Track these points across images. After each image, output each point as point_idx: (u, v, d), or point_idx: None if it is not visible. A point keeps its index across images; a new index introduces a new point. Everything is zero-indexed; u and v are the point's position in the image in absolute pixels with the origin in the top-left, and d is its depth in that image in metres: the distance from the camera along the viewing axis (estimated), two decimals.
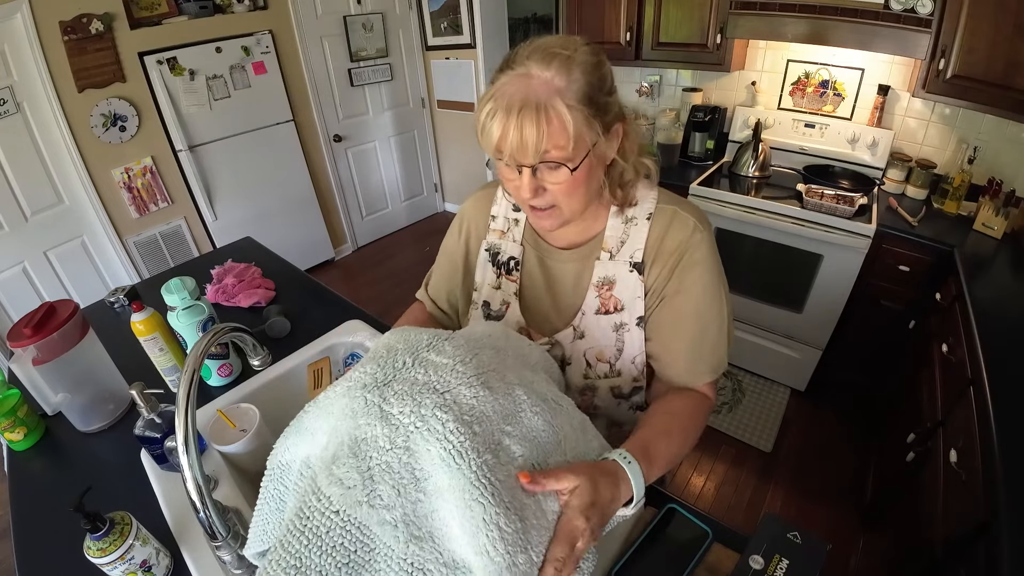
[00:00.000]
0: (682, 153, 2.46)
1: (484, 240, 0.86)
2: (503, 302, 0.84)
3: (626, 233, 0.75)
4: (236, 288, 1.36)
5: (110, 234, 2.63)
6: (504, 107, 0.60)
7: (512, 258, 0.83)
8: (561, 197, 0.66)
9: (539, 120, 0.59)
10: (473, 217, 0.88)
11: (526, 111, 0.59)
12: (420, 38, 3.61)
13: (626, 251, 0.75)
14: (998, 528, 0.86)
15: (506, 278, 0.84)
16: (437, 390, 0.52)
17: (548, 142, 0.60)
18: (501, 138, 0.61)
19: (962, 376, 1.24)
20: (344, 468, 0.48)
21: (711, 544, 0.66)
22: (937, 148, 2.00)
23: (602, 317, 0.77)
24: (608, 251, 0.76)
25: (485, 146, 0.65)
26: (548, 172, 0.64)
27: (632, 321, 0.76)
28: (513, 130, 0.59)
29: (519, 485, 0.50)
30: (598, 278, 0.76)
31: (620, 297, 0.75)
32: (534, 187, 0.65)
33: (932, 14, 1.60)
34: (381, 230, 4.03)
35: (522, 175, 0.64)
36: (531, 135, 0.59)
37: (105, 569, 0.65)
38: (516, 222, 0.84)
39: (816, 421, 2.14)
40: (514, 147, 0.60)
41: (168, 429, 0.81)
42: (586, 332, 0.78)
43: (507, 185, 0.70)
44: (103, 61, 2.38)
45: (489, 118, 0.61)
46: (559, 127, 0.59)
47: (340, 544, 0.46)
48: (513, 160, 0.63)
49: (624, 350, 0.77)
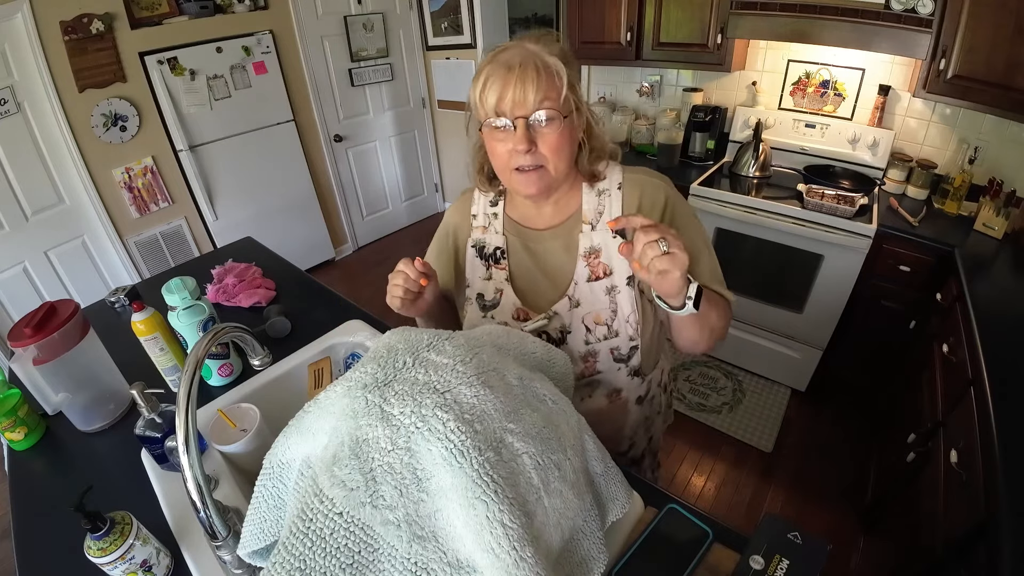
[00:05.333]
0: (683, 153, 2.46)
1: (469, 238, 0.92)
2: (496, 290, 0.88)
3: (601, 204, 0.82)
4: (237, 288, 1.36)
5: (111, 234, 2.64)
6: (505, 66, 0.70)
7: (497, 248, 0.88)
8: (549, 154, 0.74)
9: (538, 73, 0.69)
10: (456, 221, 0.94)
11: (526, 66, 0.69)
12: (420, 38, 3.61)
13: (605, 219, 0.81)
14: (998, 528, 0.86)
15: (495, 268, 0.89)
16: (438, 390, 0.52)
17: (544, 91, 0.70)
18: (501, 96, 0.70)
19: (963, 376, 1.24)
20: (346, 469, 0.48)
21: (711, 544, 0.66)
22: (938, 148, 2.00)
23: (594, 284, 0.82)
24: (589, 223, 0.82)
25: (484, 110, 0.73)
26: (540, 127, 0.72)
27: (622, 282, 0.81)
28: (515, 82, 0.69)
29: (523, 480, 0.50)
30: (584, 249, 0.82)
31: (608, 262, 0.82)
32: (528, 139, 0.72)
33: (933, 14, 1.60)
34: (381, 230, 4.03)
35: (516, 131, 0.72)
36: (531, 84, 0.69)
37: (105, 569, 0.65)
38: (495, 215, 0.89)
39: (817, 421, 2.14)
40: (515, 99, 0.70)
41: (168, 429, 0.81)
42: (581, 300, 0.83)
43: (497, 151, 0.76)
44: (104, 61, 2.38)
45: (489, 82, 0.71)
46: (553, 78, 0.71)
47: (344, 545, 0.46)
48: (511, 114, 0.71)
49: (618, 311, 0.82)
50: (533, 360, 0.69)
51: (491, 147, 0.77)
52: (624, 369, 0.86)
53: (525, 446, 0.52)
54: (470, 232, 0.92)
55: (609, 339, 0.84)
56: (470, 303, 0.91)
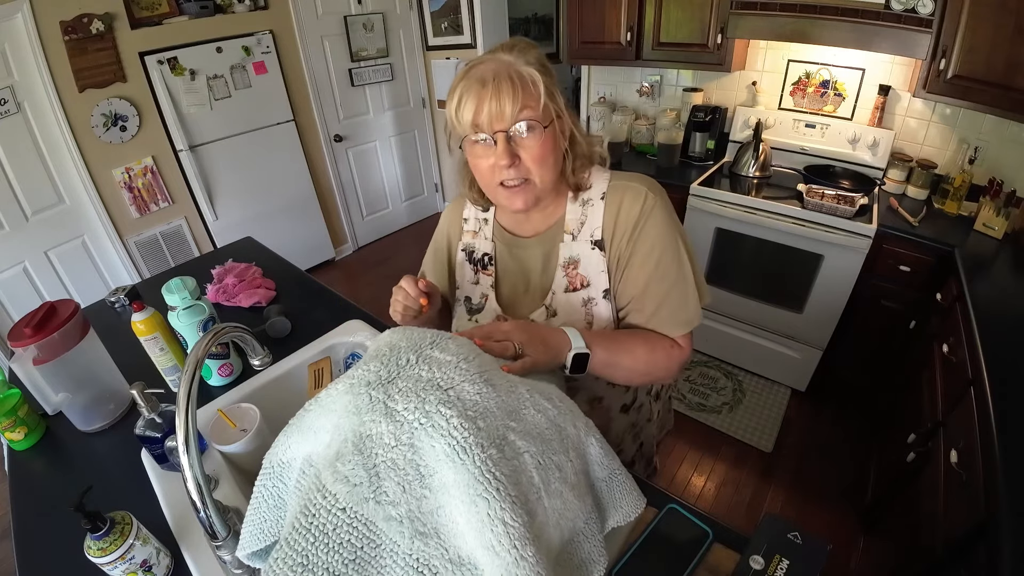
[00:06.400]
0: (683, 153, 2.46)
1: (460, 242, 0.93)
2: (482, 295, 0.89)
3: (584, 214, 0.81)
4: (237, 288, 1.36)
5: (111, 234, 2.64)
6: (479, 81, 0.68)
7: (486, 254, 0.89)
8: (533, 166, 0.72)
9: (513, 85, 0.67)
10: (449, 225, 0.95)
11: (500, 79, 0.67)
12: (421, 38, 3.61)
13: (586, 231, 0.80)
14: (998, 528, 0.86)
15: (483, 273, 0.90)
16: (441, 387, 0.52)
17: (521, 102, 0.68)
18: (477, 111, 0.68)
19: (963, 376, 1.24)
20: (349, 465, 0.48)
21: (711, 544, 0.66)
22: (938, 148, 2.00)
23: (571, 295, 0.82)
24: (570, 233, 0.82)
25: (461, 127, 0.71)
26: (521, 139, 0.70)
27: (599, 295, 0.80)
28: (490, 97, 0.67)
29: (524, 479, 0.50)
30: (564, 259, 0.82)
31: (585, 274, 0.81)
32: (510, 153, 0.70)
33: (933, 14, 1.60)
34: (381, 230, 4.03)
35: (497, 145, 0.70)
36: (507, 97, 0.67)
37: (105, 569, 0.65)
38: (485, 221, 0.90)
39: (816, 421, 2.14)
40: (492, 113, 0.68)
41: (169, 429, 0.81)
42: (558, 310, 0.83)
43: (480, 167, 0.75)
44: (104, 61, 2.38)
45: (464, 98, 0.69)
46: (530, 88, 0.69)
47: (347, 541, 0.46)
48: (490, 129, 0.69)
49: (594, 323, 0.82)
50: None
51: (474, 164, 0.76)
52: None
53: (527, 445, 0.52)
54: (461, 236, 0.93)
55: None
56: (459, 304, 0.93)
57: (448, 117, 0.74)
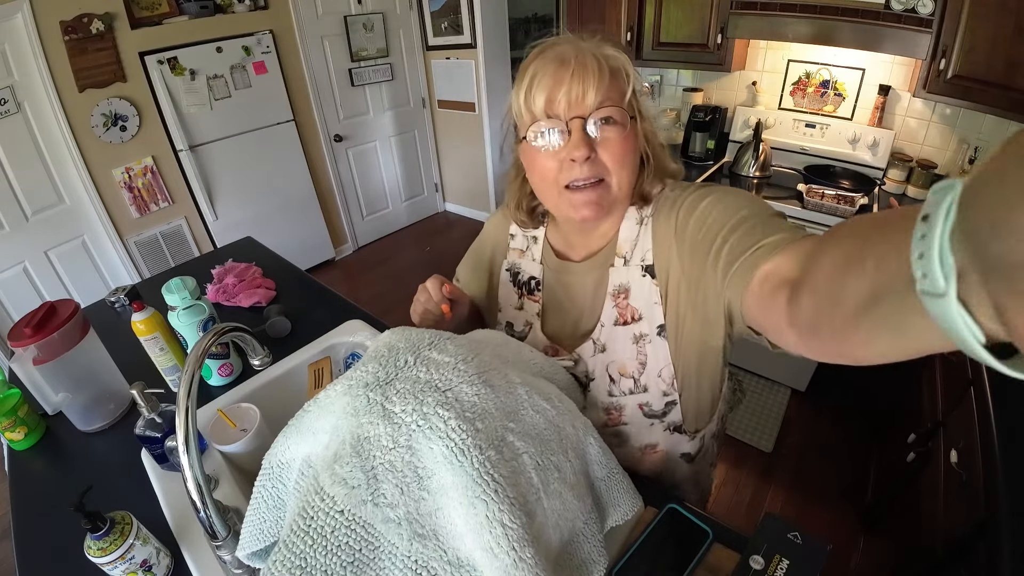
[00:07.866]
0: (683, 153, 2.46)
1: (505, 259, 0.84)
2: (526, 323, 0.81)
3: (639, 234, 0.69)
4: (237, 288, 1.36)
5: (111, 234, 2.63)
6: (557, 60, 0.58)
7: (532, 278, 0.80)
8: (612, 165, 0.61)
9: (601, 68, 0.58)
10: (494, 234, 0.86)
11: (585, 59, 0.58)
12: (421, 38, 3.61)
13: (638, 253, 0.69)
14: (998, 528, 0.86)
15: (528, 298, 0.81)
16: (439, 388, 0.52)
17: (606, 90, 0.58)
18: (552, 93, 0.58)
19: (963, 376, 1.24)
20: (347, 467, 0.48)
21: (711, 544, 0.66)
22: (938, 148, 2.00)
23: (621, 328, 0.71)
24: (622, 256, 0.70)
25: (529, 114, 0.61)
26: (601, 133, 0.60)
27: (652, 331, 0.69)
28: (570, 78, 0.58)
29: (523, 480, 0.50)
30: (613, 286, 0.71)
31: (636, 306, 0.70)
32: (588, 143, 0.59)
33: (933, 14, 1.60)
34: (382, 230, 4.03)
35: (572, 135, 0.59)
36: (592, 79, 0.57)
37: (105, 569, 0.65)
38: (535, 240, 0.80)
39: (816, 421, 2.14)
40: (573, 97, 0.58)
41: (169, 429, 0.81)
42: (607, 345, 0.72)
43: (543, 168, 0.63)
44: (104, 61, 2.38)
45: (538, 78, 0.59)
46: (616, 77, 0.59)
47: (345, 543, 0.46)
48: (567, 115, 0.59)
49: (648, 364, 0.71)
50: (533, 369, 0.69)
51: (533, 162, 0.64)
52: (659, 425, 0.75)
53: (525, 446, 0.52)
54: (507, 252, 0.83)
55: (636, 394, 0.73)
56: (499, 327, 0.85)
57: (513, 108, 0.64)
